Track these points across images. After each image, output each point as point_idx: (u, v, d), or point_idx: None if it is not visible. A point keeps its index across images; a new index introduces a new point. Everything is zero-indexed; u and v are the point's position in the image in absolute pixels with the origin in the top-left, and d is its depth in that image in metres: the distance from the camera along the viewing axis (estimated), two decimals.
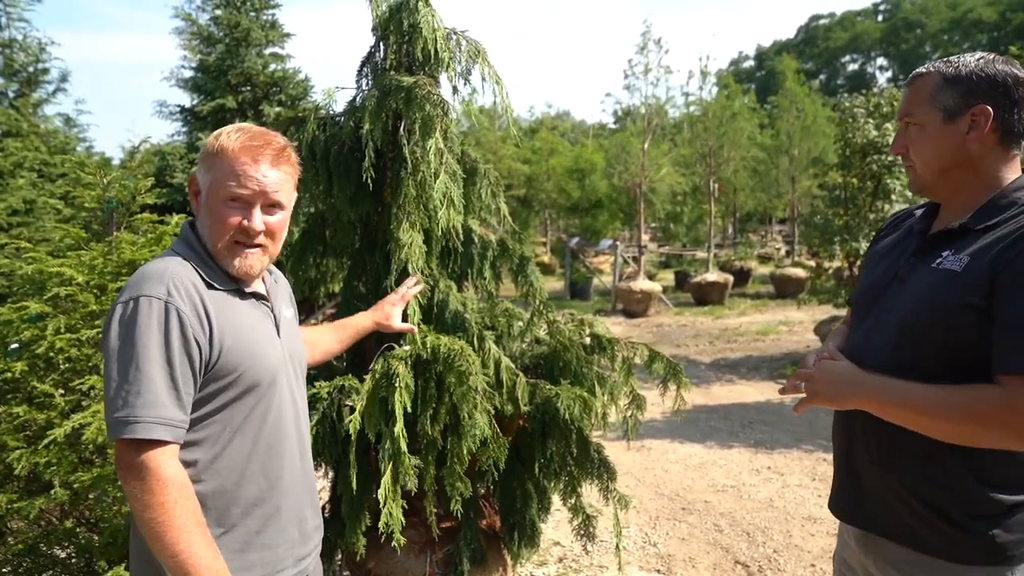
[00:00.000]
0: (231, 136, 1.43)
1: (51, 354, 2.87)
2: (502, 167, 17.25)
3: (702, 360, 9.40)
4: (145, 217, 3.19)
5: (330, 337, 2.01)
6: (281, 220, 1.49)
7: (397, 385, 2.16)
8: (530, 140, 21.28)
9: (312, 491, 1.58)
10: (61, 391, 2.95)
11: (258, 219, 1.44)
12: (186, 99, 10.35)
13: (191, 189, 1.49)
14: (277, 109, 9.36)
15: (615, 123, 28.35)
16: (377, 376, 2.25)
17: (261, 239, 1.46)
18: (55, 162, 9.83)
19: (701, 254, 17.38)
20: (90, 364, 2.85)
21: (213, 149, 1.42)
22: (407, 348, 2.33)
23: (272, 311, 1.53)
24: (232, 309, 1.42)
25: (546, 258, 20.69)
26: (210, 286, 1.40)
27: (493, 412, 2.28)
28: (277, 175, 1.45)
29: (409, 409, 2.21)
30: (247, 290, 1.47)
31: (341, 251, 2.83)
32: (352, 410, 2.28)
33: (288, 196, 1.50)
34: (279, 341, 1.51)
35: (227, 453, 1.38)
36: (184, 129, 9.91)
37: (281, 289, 1.67)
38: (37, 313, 3.00)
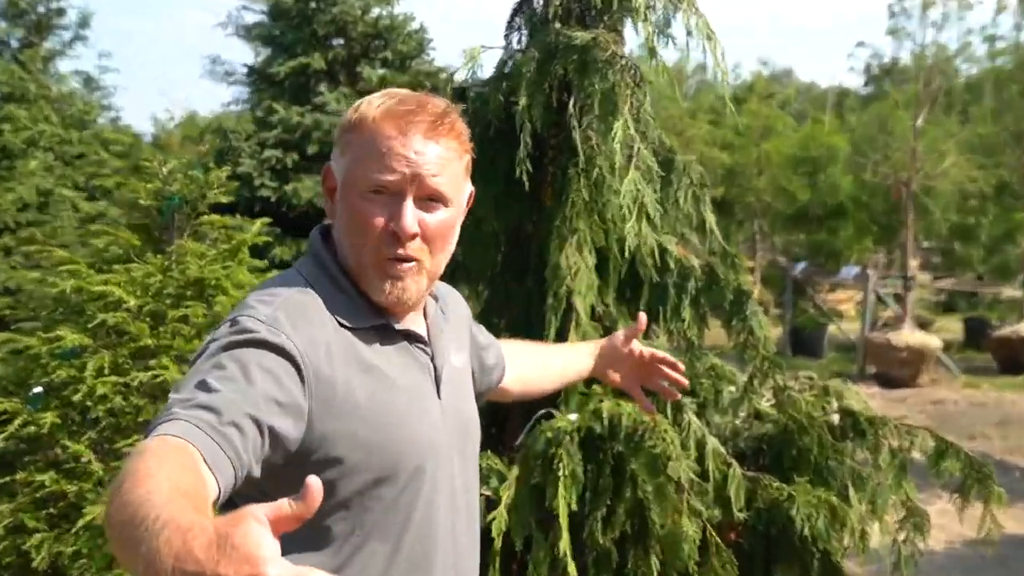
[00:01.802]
0: (373, 102, 1.48)
1: (88, 403, 3.19)
2: (690, 155, 17.26)
3: (1015, 463, 8.92)
4: (216, 220, 3.49)
5: (542, 366, 2.01)
6: (444, 221, 1.49)
7: (560, 471, 2.29)
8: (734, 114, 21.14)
9: None
10: (97, 456, 3.26)
11: (410, 215, 1.44)
12: (249, 54, 11.13)
13: (325, 185, 1.55)
14: (381, 71, 9.78)
15: (867, 87, 27.45)
16: (530, 456, 2.39)
17: (415, 247, 1.46)
18: (71, 138, 10.62)
19: (1010, 292, 16.46)
20: (139, 420, 3.17)
21: (350, 122, 1.48)
22: (573, 417, 2.45)
23: (432, 360, 1.58)
24: (370, 357, 1.47)
25: (755, 291, 20.40)
26: (341, 324, 1.45)
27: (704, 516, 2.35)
28: (437, 151, 1.46)
29: (575, 507, 2.32)
30: (397, 327, 1.52)
31: (477, 274, 3.00)
32: (493, 503, 2.43)
33: (454, 184, 1.49)
34: (438, 404, 1.56)
35: (358, 561, 1.44)
36: (249, 97, 10.59)
37: (450, 322, 1.72)
38: (71, 347, 3.36)
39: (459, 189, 1.52)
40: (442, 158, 1.47)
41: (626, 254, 2.54)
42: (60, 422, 3.23)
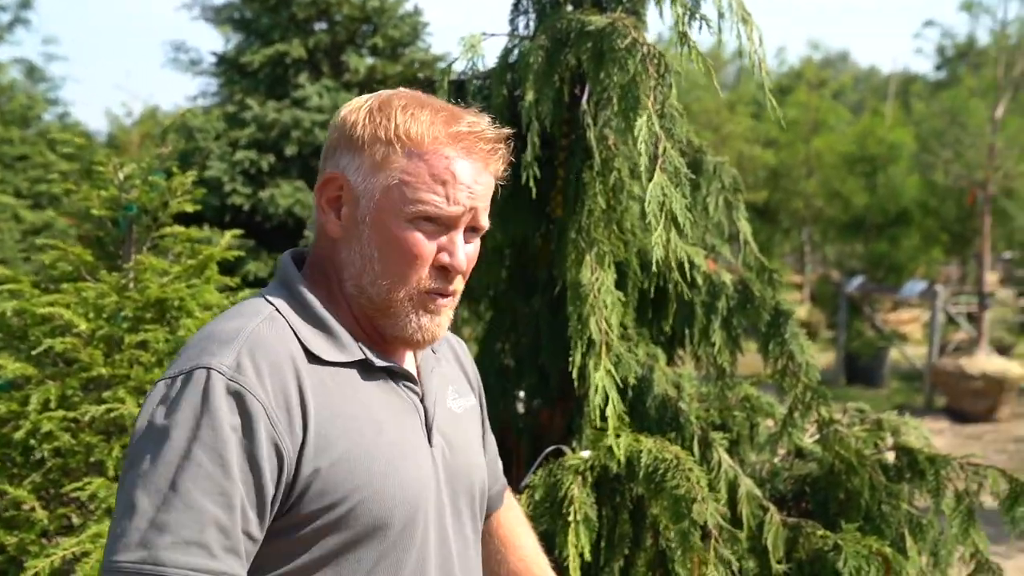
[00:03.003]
0: (419, 114, 1.48)
1: (32, 442, 3.21)
2: (730, 153, 17.31)
3: None
4: (179, 232, 3.53)
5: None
6: (476, 250, 1.58)
7: (571, 516, 2.32)
8: (779, 106, 21.17)
9: None
10: (42, 502, 3.28)
11: (462, 250, 1.52)
12: (219, 41, 11.30)
13: (326, 195, 1.54)
14: (370, 60, 9.85)
15: (939, 71, 27.62)
16: (537, 498, 2.42)
17: (458, 282, 1.55)
18: (11, 137, 10.67)
19: None
20: (89, 460, 3.20)
21: (388, 132, 1.47)
22: (586, 454, 2.49)
23: (422, 400, 1.61)
24: (349, 398, 1.49)
25: (803, 310, 20.35)
26: (314, 358, 1.47)
27: (735, 568, 2.39)
28: (490, 182, 1.54)
29: (588, 556, 2.35)
30: (379, 364, 1.54)
31: (479, 294, 3.05)
32: None
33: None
34: (429, 452, 1.59)
35: None
36: (218, 90, 10.72)
37: (443, 363, 1.75)
38: (12, 378, 3.38)
39: None
40: (491, 189, 1.55)
41: (651, 269, 2.57)
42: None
